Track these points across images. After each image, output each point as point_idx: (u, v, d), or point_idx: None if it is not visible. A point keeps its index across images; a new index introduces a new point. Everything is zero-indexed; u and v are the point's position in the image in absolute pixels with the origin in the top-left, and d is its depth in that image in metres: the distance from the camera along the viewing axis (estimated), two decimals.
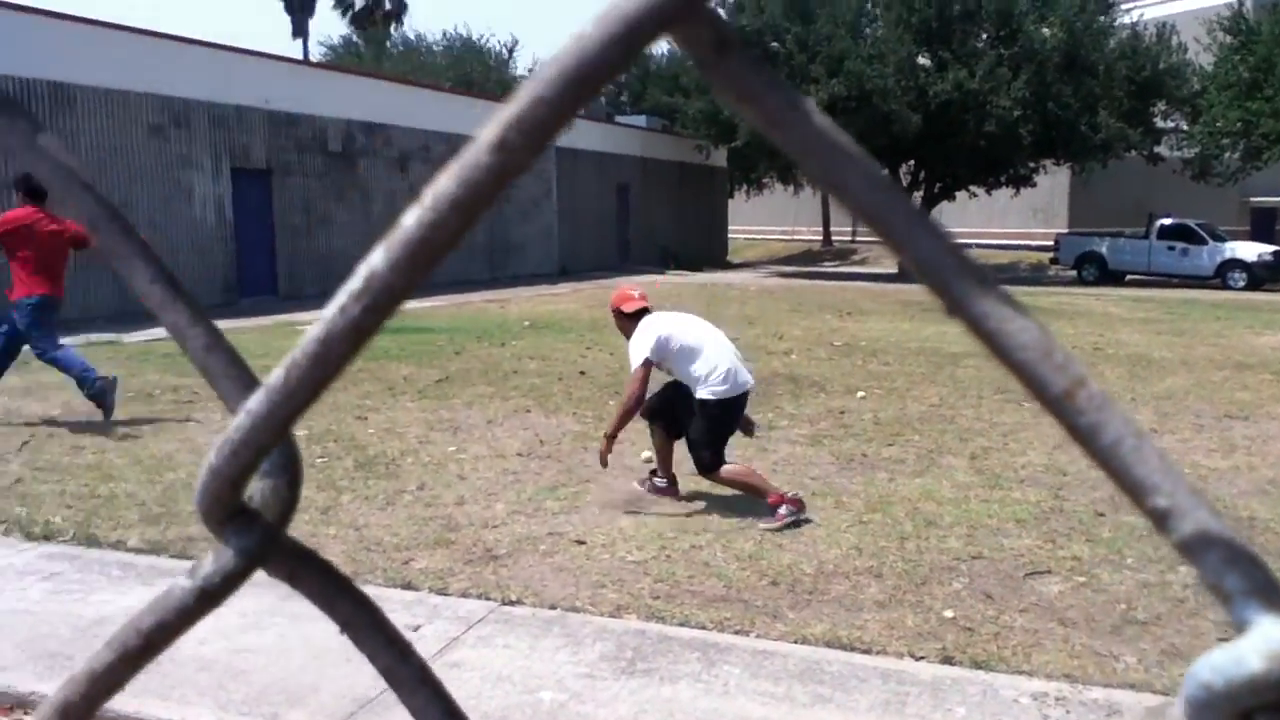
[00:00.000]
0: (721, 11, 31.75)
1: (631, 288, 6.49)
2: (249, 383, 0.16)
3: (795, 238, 48.47)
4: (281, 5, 47.72)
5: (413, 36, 48.06)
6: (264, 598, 4.57)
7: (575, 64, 0.15)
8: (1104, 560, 5.16)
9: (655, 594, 4.68)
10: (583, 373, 10.92)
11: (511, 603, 4.56)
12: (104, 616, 4.40)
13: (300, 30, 48.04)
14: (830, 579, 4.91)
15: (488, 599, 4.60)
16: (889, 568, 5.05)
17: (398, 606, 4.50)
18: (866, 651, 4.09)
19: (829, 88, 27.77)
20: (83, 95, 16.51)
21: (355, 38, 48.21)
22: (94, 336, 14.04)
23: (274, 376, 0.15)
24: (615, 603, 4.57)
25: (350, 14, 48.95)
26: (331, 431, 7.84)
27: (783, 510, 5.60)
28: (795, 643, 4.17)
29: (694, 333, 6.02)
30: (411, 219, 0.16)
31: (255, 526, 0.16)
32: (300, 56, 43.02)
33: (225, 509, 0.16)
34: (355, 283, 0.16)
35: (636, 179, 34.19)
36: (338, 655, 3.99)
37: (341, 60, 45.47)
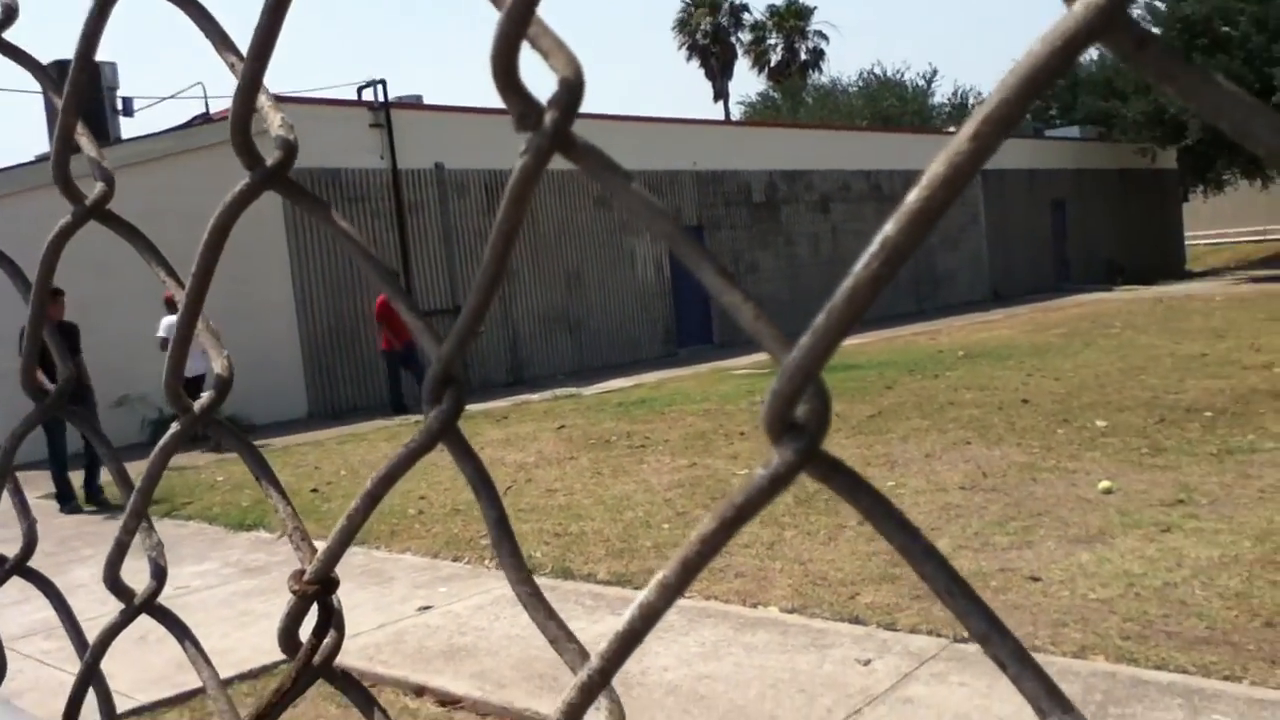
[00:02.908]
0: (1160, 4, 28.92)
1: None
2: (786, 340, 0.21)
3: (1268, 238, 42.79)
4: (702, 73, 50.60)
5: (828, 81, 48.86)
6: (720, 628, 4.81)
7: (1029, 72, 0.19)
8: None
9: (1125, 634, 4.32)
10: (1025, 401, 10.38)
11: (964, 640, 4.42)
12: (584, 642, 4.84)
13: (720, 93, 50.61)
14: None
15: (939, 635, 4.49)
16: None
17: (846, 640, 4.53)
18: None
19: None
20: (545, 178, 18.60)
21: (772, 92, 49.90)
22: (558, 391, 15.60)
23: (817, 321, 0.20)
24: (1079, 643, 4.28)
25: (767, 70, 50.80)
26: None
27: None
28: None
29: None
30: (912, 195, 0.20)
31: (803, 435, 0.21)
32: (722, 117, 45.27)
33: (782, 423, 0.21)
34: (873, 247, 0.20)
35: (1072, 192, 32.07)
36: (791, 686, 4.09)
37: (760, 115, 47.22)
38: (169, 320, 11.80)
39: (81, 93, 0.41)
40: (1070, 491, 6.69)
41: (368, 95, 16.77)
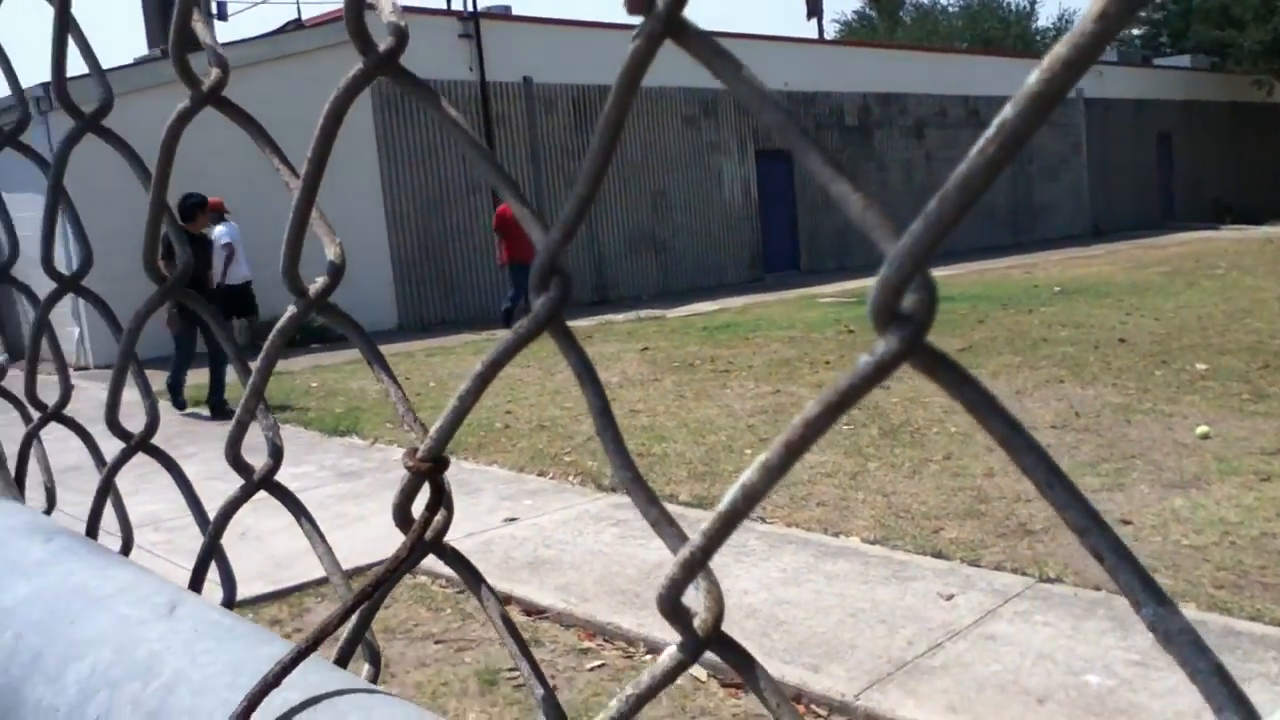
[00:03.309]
0: None
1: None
2: (895, 227, 0.21)
3: None
4: None
5: (927, 1, 47.30)
6: (801, 555, 4.84)
7: None
8: None
9: (1218, 583, 4.23)
10: (1122, 340, 10.10)
11: (1050, 580, 4.37)
12: (663, 560, 4.93)
13: (814, 10, 49.10)
14: None
15: (1024, 574, 4.46)
16: None
17: (928, 574, 4.52)
18: None
19: None
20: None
21: (869, 10, 48.45)
22: (642, 313, 15.65)
23: (929, 207, 0.20)
24: (1170, 590, 4.20)
25: None
26: None
27: None
28: None
29: None
30: (1033, 78, 0.20)
31: (909, 324, 0.22)
32: (815, 36, 44.12)
33: (889, 312, 0.22)
34: (990, 131, 0.20)
35: (1180, 125, 30.70)
36: (871, 616, 4.11)
37: (855, 34, 46.00)
38: (221, 229, 11.99)
39: None
40: (1166, 435, 6.53)
41: (457, 5, 16.72)
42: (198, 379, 9.63)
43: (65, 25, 0.52)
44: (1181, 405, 7.27)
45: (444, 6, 16.71)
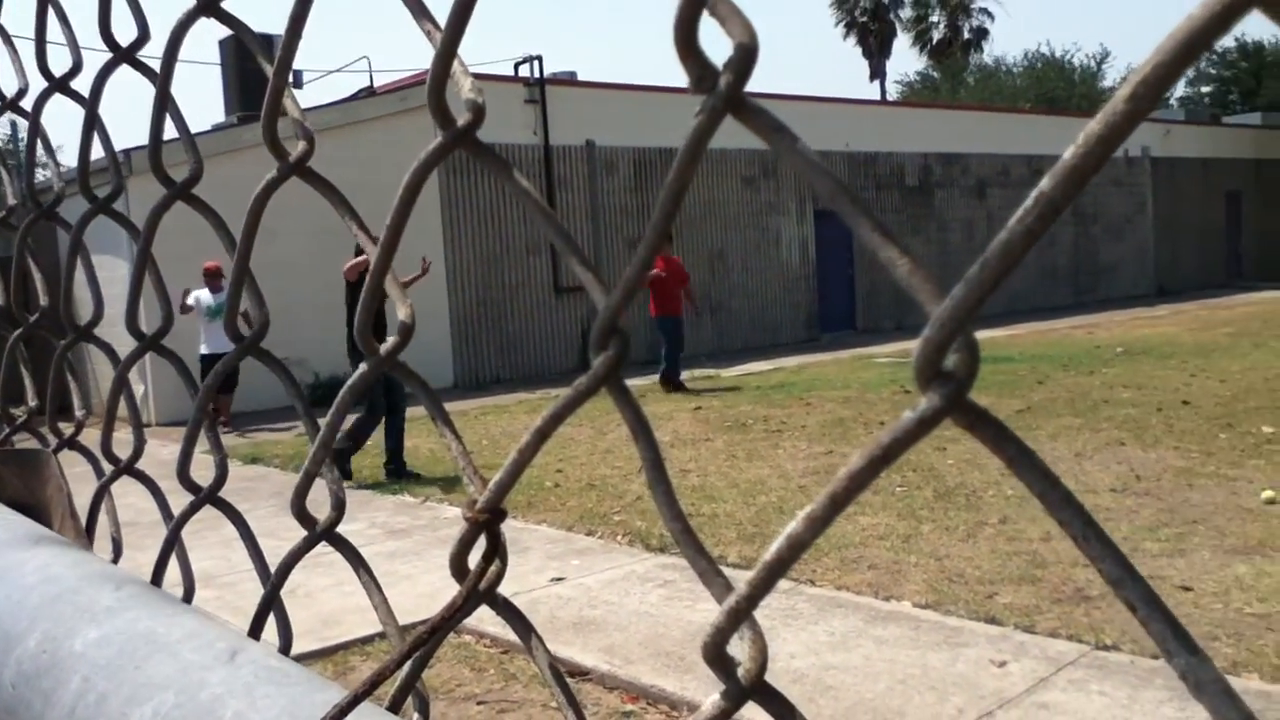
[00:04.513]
0: None
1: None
2: (939, 290, 0.22)
3: None
4: (859, 51, 49.48)
5: (991, 62, 47.37)
6: (851, 619, 4.77)
7: (1185, 36, 0.20)
8: None
9: None
10: (1186, 402, 9.89)
11: (1106, 647, 4.26)
12: (709, 623, 4.88)
13: (877, 73, 49.36)
14: None
15: (1079, 641, 4.35)
16: None
17: (981, 640, 4.43)
18: None
19: None
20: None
21: (932, 71, 48.59)
22: (696, 372, 15.65)
23: (971, 272, 0.21)
24: (1231, 658, 4.07)
25: (928, 49, 49.25)
26: (910, 461, 7.94)
27: None
28: None
29: None
30: (1069, 153, 0.21)
31: (951, 382, 0.23)
32: (878, 98, 44.32)
33: (932, 369, 0.23)
34: (1028, 202, 0.22)
35: (1250, 184, 30.23)
36: (921, 683, 4.03)
37: (918, 95, 46.12)
38: (203, 294, 11.96)
39: (292, 57, 0.45)
40: (1230, 500, 6.36)
41: (524, 71, 17.04)
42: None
43: (165, 102, 0.56)
44: (1246, 469, 7.09)
45: (511, 74, 17.03)
